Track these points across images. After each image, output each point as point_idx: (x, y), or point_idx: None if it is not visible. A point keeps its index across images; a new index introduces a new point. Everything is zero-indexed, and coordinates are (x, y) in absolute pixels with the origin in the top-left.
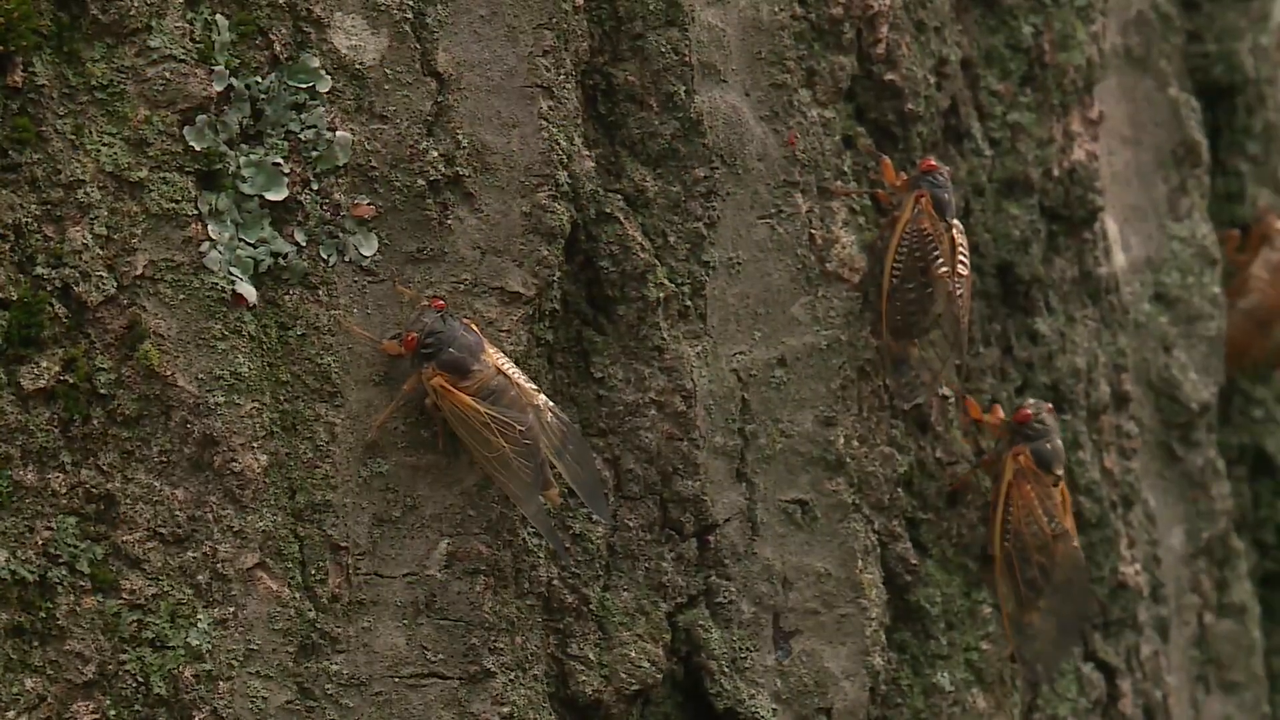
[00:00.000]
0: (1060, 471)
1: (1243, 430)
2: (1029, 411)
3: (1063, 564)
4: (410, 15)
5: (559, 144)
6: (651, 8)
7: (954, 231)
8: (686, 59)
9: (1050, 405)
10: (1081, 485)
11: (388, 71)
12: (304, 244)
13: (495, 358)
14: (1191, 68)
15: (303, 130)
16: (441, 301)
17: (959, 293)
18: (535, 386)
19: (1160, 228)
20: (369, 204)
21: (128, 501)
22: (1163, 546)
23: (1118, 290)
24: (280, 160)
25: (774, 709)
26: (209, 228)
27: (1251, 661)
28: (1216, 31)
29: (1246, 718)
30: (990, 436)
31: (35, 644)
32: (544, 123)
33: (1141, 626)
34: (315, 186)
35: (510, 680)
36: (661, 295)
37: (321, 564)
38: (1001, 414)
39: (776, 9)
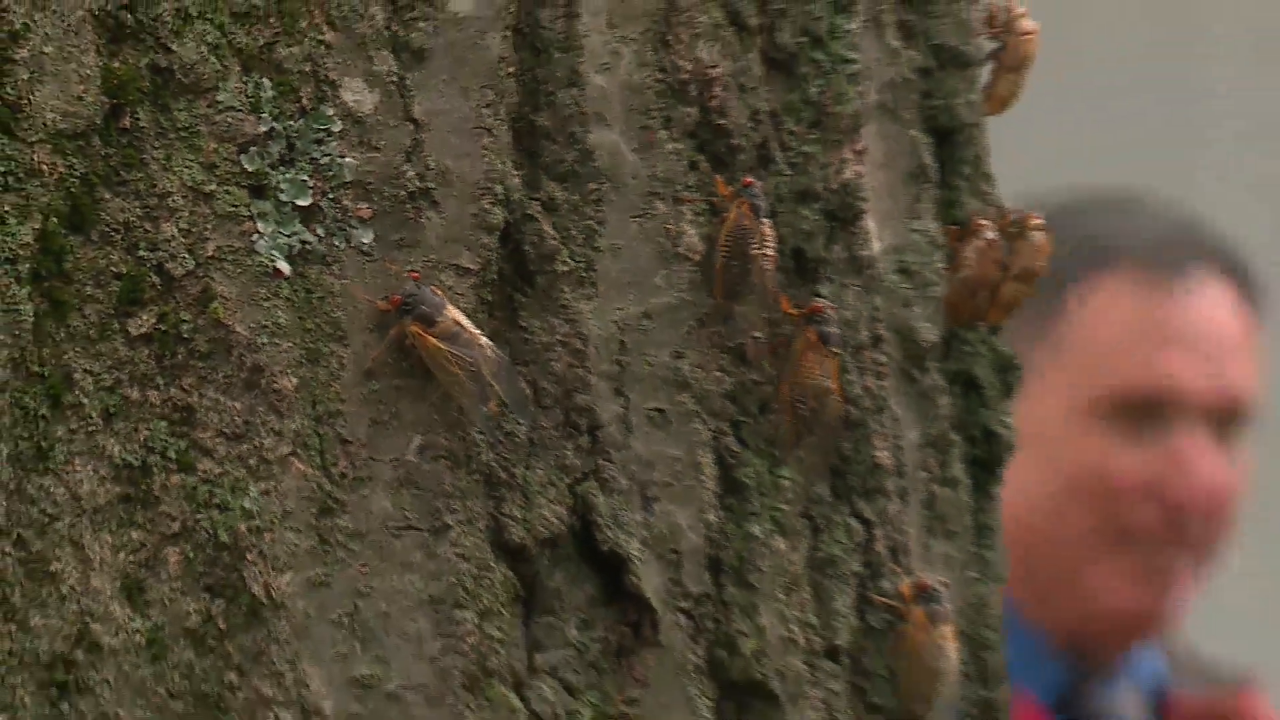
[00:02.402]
0: (836, 350)
1: (958, 361)
2: (819, 305)
3: (829, 410)
4: (395, 79)
5: (496, 167)
6: (559, 74)
7: (765, 227)
8: (583, 109)
9: (835, 307)
10: (850, 397)
11: (379, 118)
12: (323, 235)
13: (453, 313)
14: (925, 116)
15: (322, 158)
16: (417, 274)
17: (768, 269)
18: (480, 332)
19: (904, 225)
20: (367, 208)
21: (202, 410)
22: (904, 439)
23: (874, 266)
24: (306, 178)
25: (642, 550)
26: (257, 224)
27: (963, 517)
28: (942, 91)
29: (958, 553)
30: (791, 323)
31: (138, 508)
32: (486, 152)
33: (889, 493)
34: (330, 196)
35: (462, 531)
36: (565, 270)
37: (334, 453)
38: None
39: (644, 75)
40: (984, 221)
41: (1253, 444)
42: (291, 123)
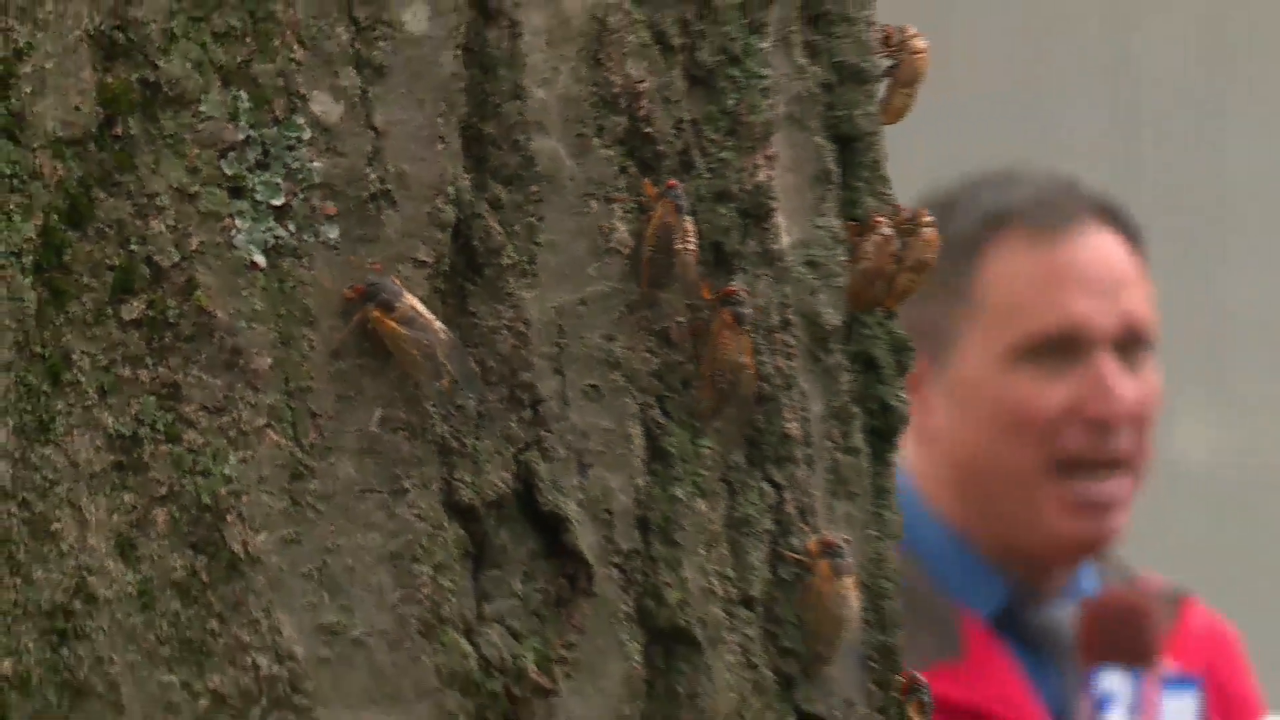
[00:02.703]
0: (749, 329)
1: (858, 343)
2: (734, 288)
3: (743, 385)
4: (358, 92)
5: (448, 171)
6: (504, 88)
7: (687, 224)
8: (525, 119)
9: (748, 290)
10: (763, 374)
11: (344, 127)
12: (294, 231)
13: (410, 300)
14: (828, 125)
15: (293, 162)
16: (379, 265)
17: (690, 261)
18: (434, 317)
19: (810, 222)
20: (334, 207)
21: (186, 387)
22: (810, 412)
23: (783, 259)
24: (279, 181)
25: (578, 511)
26: (236, 222)
27: (863, 481)
28: (844, 104)
29: (859, 514)
30: (710, 308)
31: (130, 474)
32: (439, 158)
33: (798, 460)
34: (301, 197)
35: (418, 494)
36: (510, 263)
37: (304, 425)
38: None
39: (579, 89)
40: (881, 219)
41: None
42: (266, 131)
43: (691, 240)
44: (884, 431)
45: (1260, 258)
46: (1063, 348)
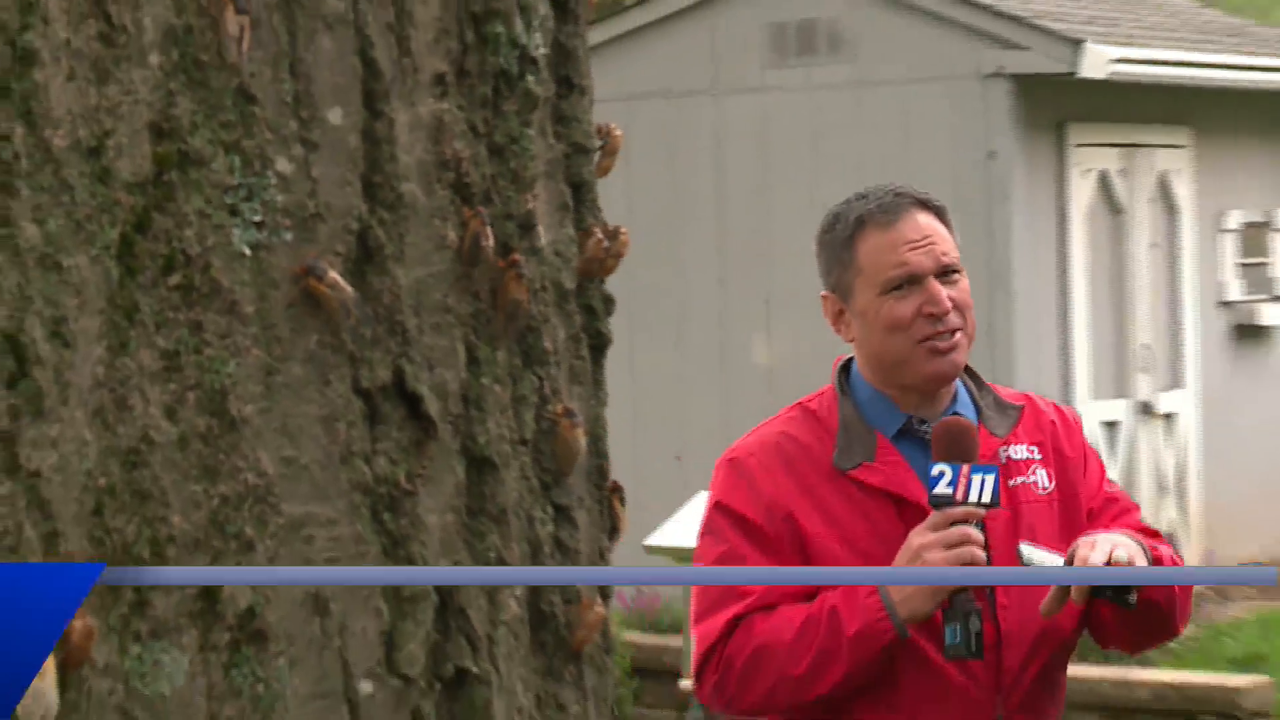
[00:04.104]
0: (525, 284)
1: (584, 298)
2: (516, 259)
3: (520, 318)
4: (303, 157)
5: (353, 202)
6: (385, 155)
7: (488, 230)
8: (398, 173)
9: (522, 260)
10: (530, 314)
11: (295, 177)
12: (266, 236)
13: (334, 274)
14: (567, 177)
15: (266, 197)
16: (315, 254)
17: (489, 246)
18: (347, 284)
19: (557, 230)
20: (289, 222)
21: (206, 323)
22: (557, 336)
23: (542, 250)
24: (258, 207)
25: (428, 392)
26: (233, 231)
27: (587, 376)
28: (576, 164)
29: (585, 395)
30: (502, 271)
31: (173, 373)
32: (349, 195)
33: (551, 363)
34: (270, 216)
35: (338, 383)
36: (389, 253)
37: (273, 343)
38: None
39: (428, 156)
40: (596, 229)
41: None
42: (250, 179)
43: (489, 240)
44: (598, 347)
45: None
46: (909, 282)
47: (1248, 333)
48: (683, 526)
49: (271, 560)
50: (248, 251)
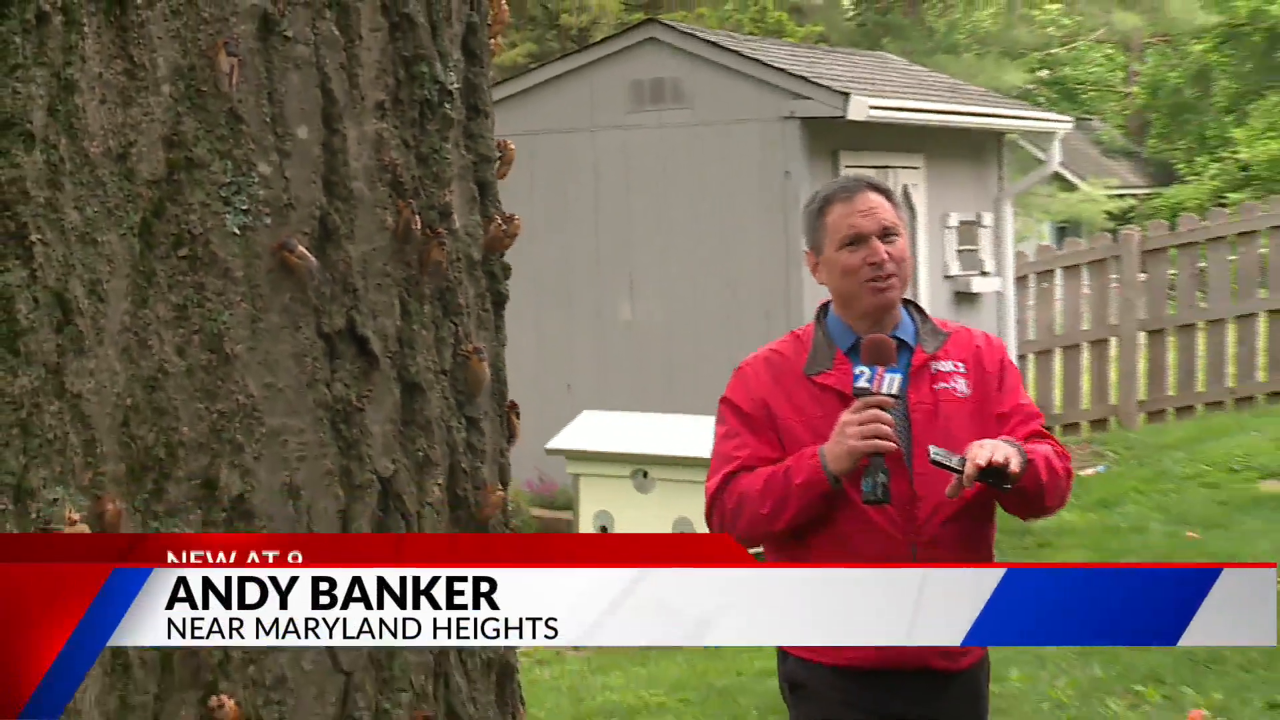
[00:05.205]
0: (446, 251)
1: (487, 266)
2: (440, 231)
3: (441, 276)
4: (278, 162)
5: (317, 195)
6: (339, 161)
7: (417, 216)
8: (349, 175)
9: (444, 234)
10: (443, 274)
11: (273, 177)
12: (251, 220)
13: (302, 248)
14: (474, 179)
15: (251, 190)
16: (289, 233)
17: (416, 228)
18: (312, 255)
19: (467, 218)
20: (268, 210)
21: (207, 285)
22: (468, 295)
23: (456, 230)
24: (245, 199)
25: (370, 333)
26: (225, 216)
27: (490, 322)
28: (481, 170)
29: (487, 336)
30: (427, 242)
31: (181, 321)
32: (313, 189)
33: (464, 312)
34: (254, 205)
35: (306, 329)
36: (344, 233)
37: (257, 299)
38: None
39: (372, 163)
40: (498, 217)
41: None
42: (238, 178)
43: (418, 224)
44: (499, 303)
45: None
46: (857, 240)
47: (964, 298)
48: (573, 434)
49: (257, 459)
50: (238, 231)
